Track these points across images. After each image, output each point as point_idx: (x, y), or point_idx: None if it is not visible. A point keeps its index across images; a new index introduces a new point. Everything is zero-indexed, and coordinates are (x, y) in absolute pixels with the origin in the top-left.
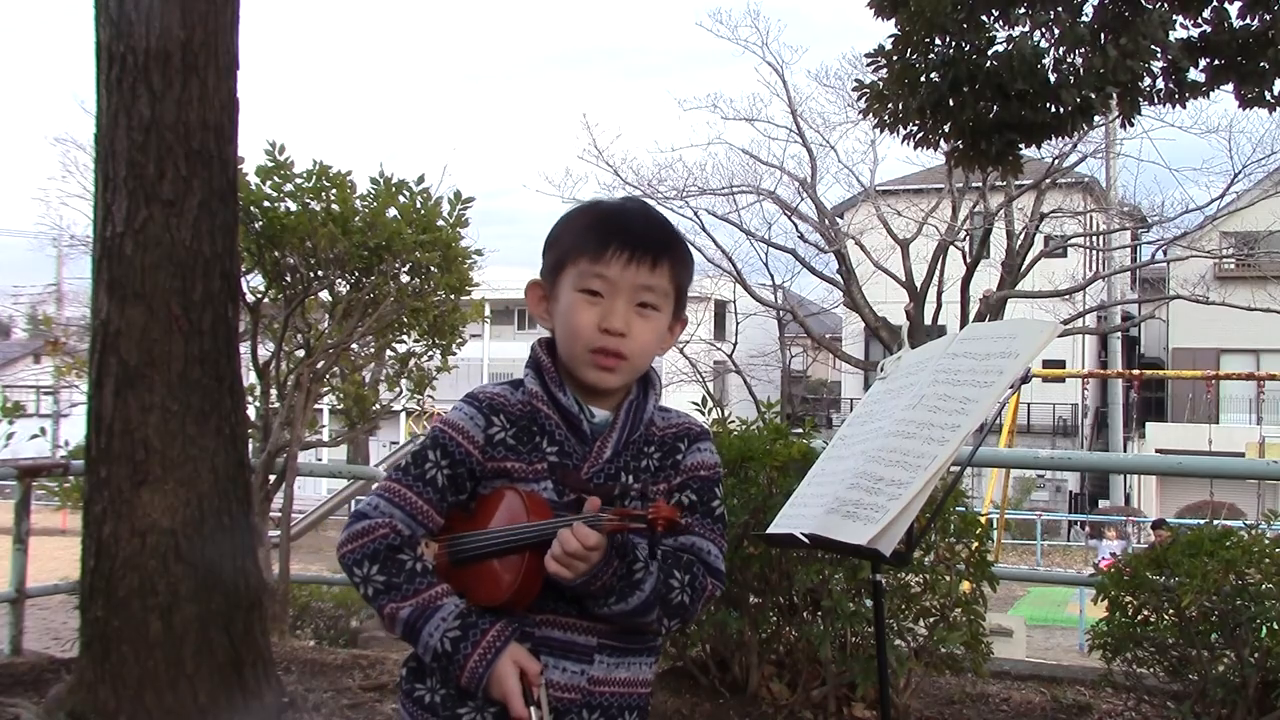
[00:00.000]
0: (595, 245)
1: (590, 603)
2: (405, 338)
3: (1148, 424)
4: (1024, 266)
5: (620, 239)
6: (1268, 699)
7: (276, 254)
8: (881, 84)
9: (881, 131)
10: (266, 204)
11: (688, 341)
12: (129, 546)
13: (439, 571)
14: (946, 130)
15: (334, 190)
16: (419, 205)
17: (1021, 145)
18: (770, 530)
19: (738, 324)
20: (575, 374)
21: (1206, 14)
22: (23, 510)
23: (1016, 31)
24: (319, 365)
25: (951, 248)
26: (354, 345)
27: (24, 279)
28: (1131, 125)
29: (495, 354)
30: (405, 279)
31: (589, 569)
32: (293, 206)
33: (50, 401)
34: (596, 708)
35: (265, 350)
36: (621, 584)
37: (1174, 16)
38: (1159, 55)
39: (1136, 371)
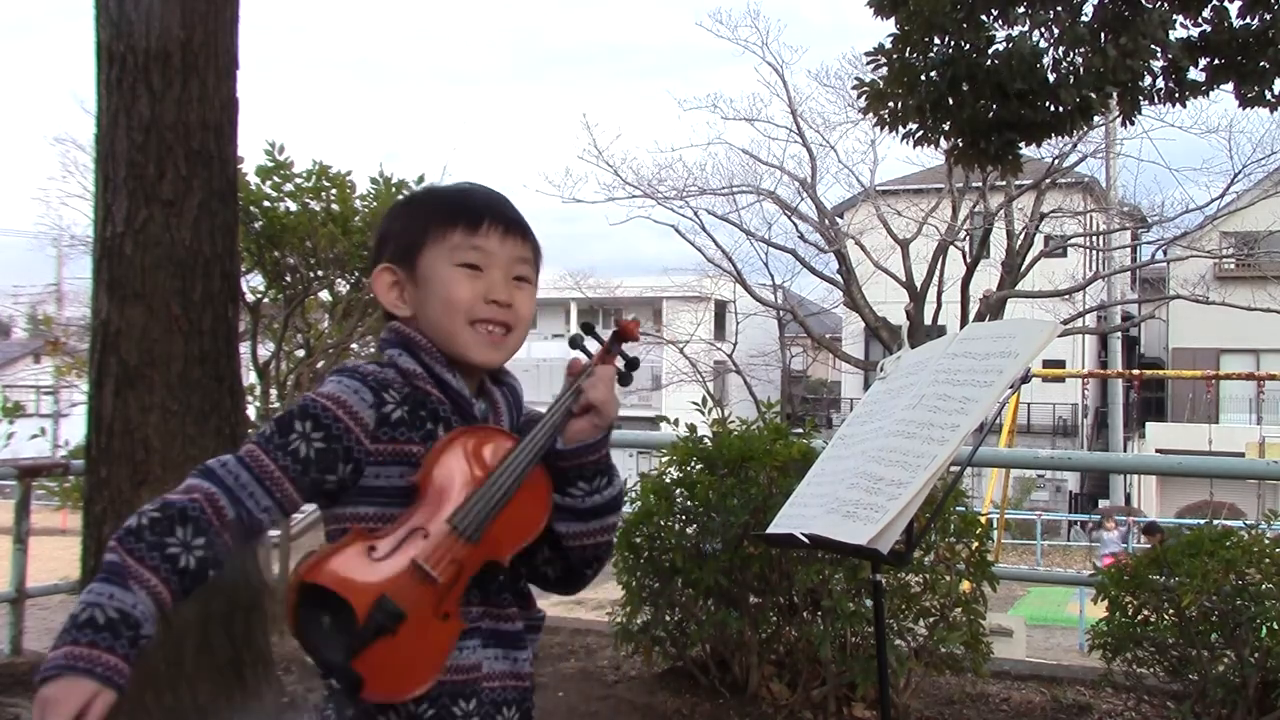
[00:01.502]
0: (468, 219)
1: (586, 486)
2: None
3: (1148, 424)
4: (1024, 266)
5: (493, 212)
6: (1268, 699)
7: (276, 254)
8: (881, 82)
9: (881, 130)
10: (266, 204)
11: (688, 341)
12: None
13: (459, 560)
14: (946, 129)
15: (334, 190)
16: None
17: (1021, 144)
18: (770, 530)
19: (738, 324)
20: (456, 353)
21: (1206, 13)
22: (23, 510)
23: (1016, 31)
24: (319, 365)
25: (951, 248)
26: (354, 345)
27: (24, 279)
28: (1132, 125)
29: None
30: None
31: (611, 421)
32: (293, 206)
33: (50, 401)
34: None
35: (265, 350)
36: (609, 463)
37: (1174, 16)
38: (1159, 55)
39: (1136, 371)
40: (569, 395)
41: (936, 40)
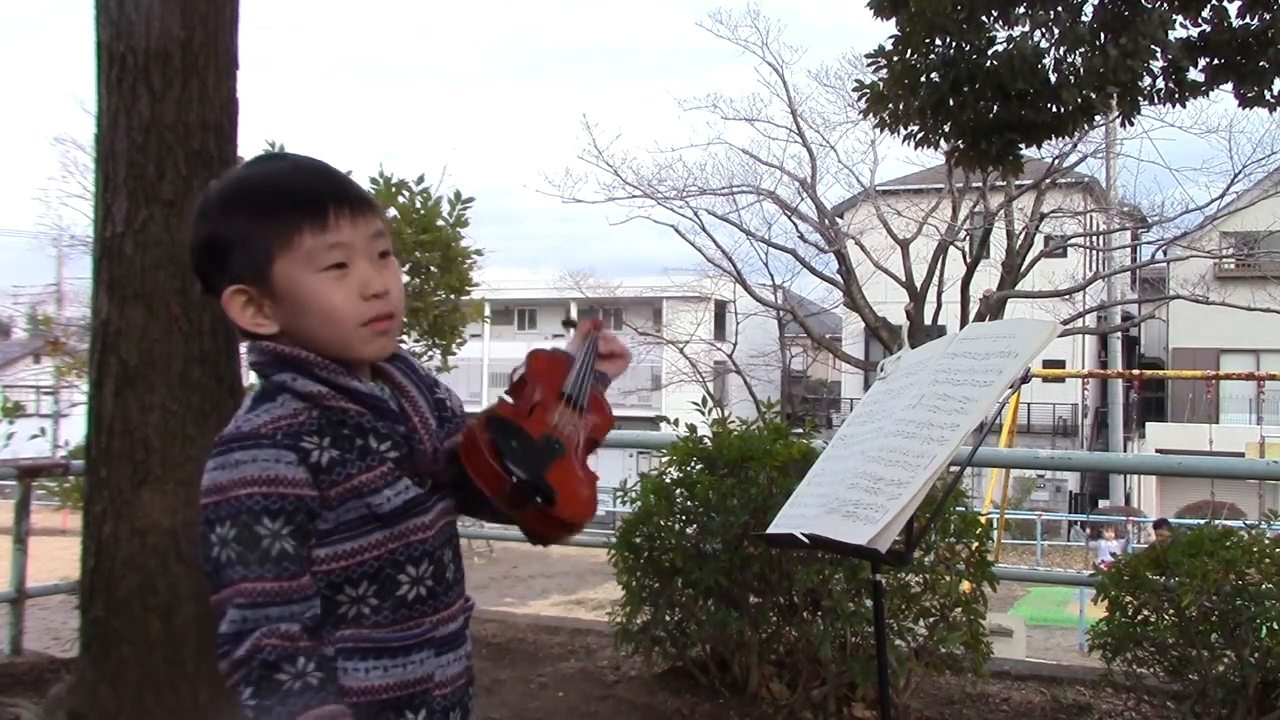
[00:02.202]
0: (313, 214)
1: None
2: (405, 338)
3: (1148, 424)
4: (1024, 266)
5: (334, 196)
6: (1268, 699)
7: None
8: (882, 84)
9: (882, 131)
10: None
11: (688, 341)
12: (129, 546)
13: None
14: (947, 130)
15: None
16: (419, 205)
17: (1022, 145)
18: (770, 530)
19: (738, 324)
20: (351, 359)
21: (1206, 13)
22: (23, 510)
23: (1016, 31)
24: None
25: (951, 248)
26: None
27: (24, 279)
28: (1131, 125)
29: (495, 354)
30: (405, 279)
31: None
32: None
33: (50, 401)
34: (472, 681)
35: None
36: None
37: (1174, 16)
38: (1159, 55)
39: (1136, 371)
40: (591, 339)
41: (937, 41)
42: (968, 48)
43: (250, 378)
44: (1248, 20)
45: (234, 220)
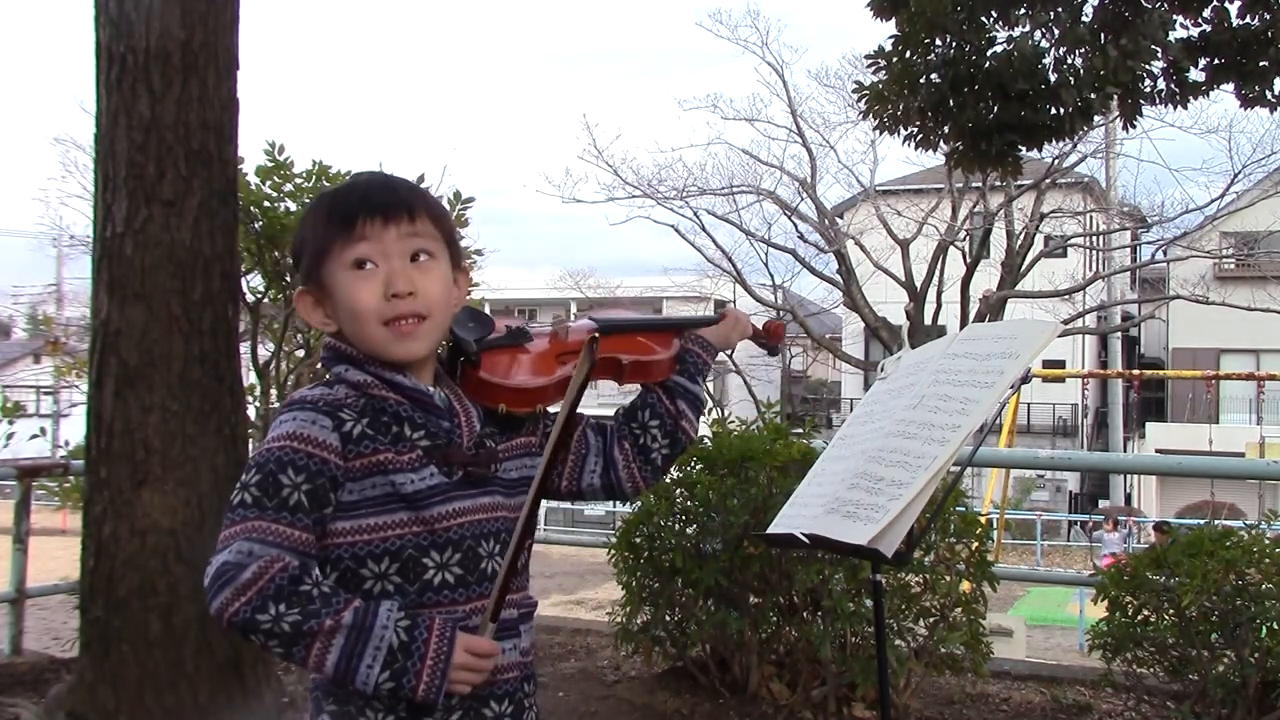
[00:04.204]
0: (343, 221)
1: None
2: None
3: (1148, 424)
4: (1024, 266)
5: (367, 205)
6: (1268, 699)
7: (276, 254)
8: (881, 85)
9: (881, 133)
10: (266, 204)
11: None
12: (129, 546)
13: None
14: (946, 131)
15: None
16: None
17: (1021, 147)
18: (770, 530)
19: None
20: (378, 356)
21: (1206, 14)
22: (23, 510)
23: (1017, 32)
24: (319, 365)
25: (951, 248)
26: None
27: (24, 279)
28: (1133, 127)
29: None
30: None
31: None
32: (293, 206)
33: (50, 401)
34: (529, 678)
35: (265, 350)
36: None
37: (1174, 16)
38: (1159, 55)
39: (1136, 371)
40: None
41: (937, 42)
42: (967, 48)
43: (250, 378)
44: (1248, 20)
45: (304, 229)
